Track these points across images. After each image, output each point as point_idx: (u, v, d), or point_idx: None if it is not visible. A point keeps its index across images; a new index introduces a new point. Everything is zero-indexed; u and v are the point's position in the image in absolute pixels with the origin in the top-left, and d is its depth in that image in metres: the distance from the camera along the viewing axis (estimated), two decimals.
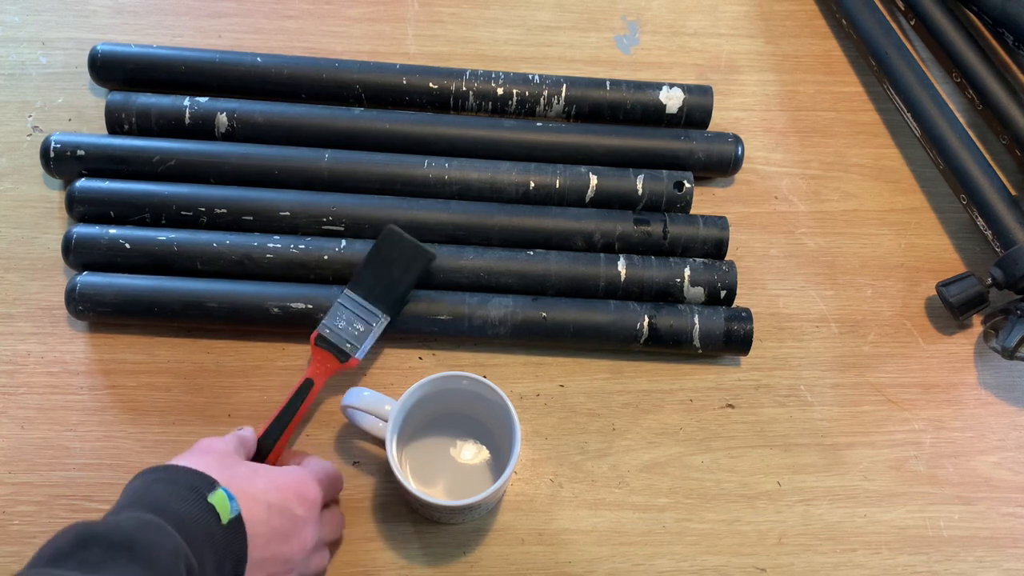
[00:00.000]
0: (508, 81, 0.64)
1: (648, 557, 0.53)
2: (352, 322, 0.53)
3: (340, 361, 0.53)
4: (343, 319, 0.53)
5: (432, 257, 0.55)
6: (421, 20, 0.70)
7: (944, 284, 0.59)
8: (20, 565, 0.50)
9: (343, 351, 0.53)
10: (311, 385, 0.53)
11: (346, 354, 0.53)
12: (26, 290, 0.58)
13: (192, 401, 0.55)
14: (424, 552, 0.52)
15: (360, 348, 0.53)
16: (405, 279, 0.54)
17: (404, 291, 0.55)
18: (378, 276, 0.54)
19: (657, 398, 0.57)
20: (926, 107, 0.63)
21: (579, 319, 0.56)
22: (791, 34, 0.72)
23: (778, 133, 0.67)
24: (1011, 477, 0.57)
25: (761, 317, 0.60)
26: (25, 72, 0.65)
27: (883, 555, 0.54)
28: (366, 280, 0.54)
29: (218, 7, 0.68)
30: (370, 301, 0.54)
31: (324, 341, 0.53)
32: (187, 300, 0.55)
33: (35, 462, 0.53)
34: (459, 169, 0.60)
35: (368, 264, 0.54)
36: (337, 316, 0.54)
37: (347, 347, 0.53)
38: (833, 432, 0.57)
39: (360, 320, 0.53)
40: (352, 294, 0.54)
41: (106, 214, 0.58)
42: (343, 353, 0.53)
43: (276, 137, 0.61)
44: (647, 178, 0.61)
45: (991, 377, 0.60)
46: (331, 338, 0.53)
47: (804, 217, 0.64)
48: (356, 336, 0.53)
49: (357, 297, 0.54)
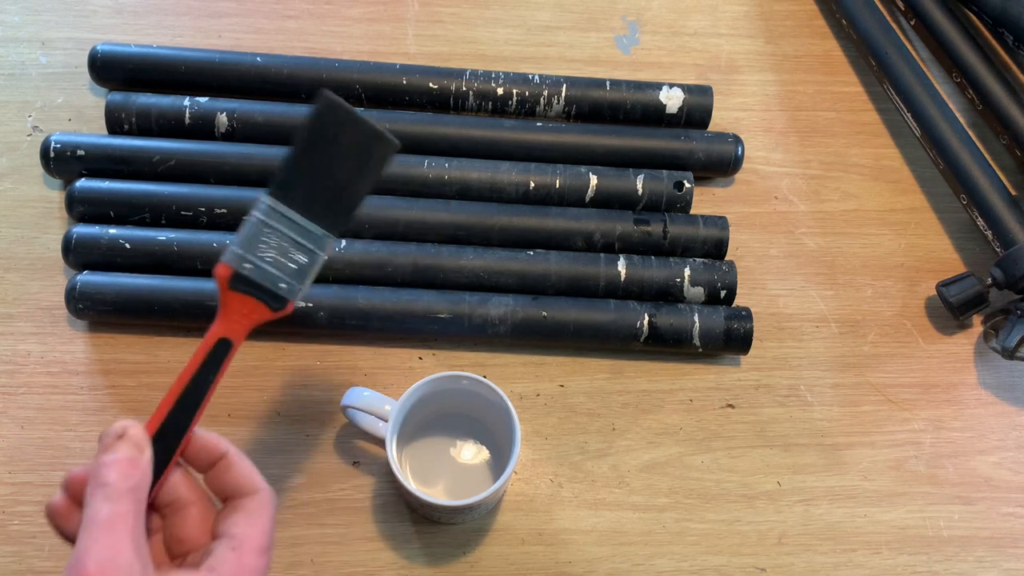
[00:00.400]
0: (508, 81, 0.64)
1: (648, 557, 0.53)
2: (285, 249, 0.37)
3: (271, 309, 0.38)
4: (270, 245, 0.37)
5: (395, 146, 0.39)
6: (421, 20, 0.70)
7: (944, 284, 0.59)
8: (21, 565, 0.50)
9: (275, 294, 0.37)
10: (228, 346, 0.37)
11: (281, 298, 0.38)
12: (26, 290, 0.58)
13: None
14: (424, 552, 0.52)
15: (299, 286, 0.38)
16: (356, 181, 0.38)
17: (355, 198, 0.38)
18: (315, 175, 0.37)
19: (657, 398, 0.58)
20: (926, 107, 0.63)
21: (579, 318, 0.56)
22: (791, 34, 0.72)
23: (778, 133, 0.68)
24: (1011, 477, 0.57)
25: (761, 317, 0.60)
26: (25, 72, 0.65)
27: (883, 555, 0.54)
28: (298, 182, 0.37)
29: (218, 7, 0.68)
30: (309, 216, 0.37)
31: (244, 282, 0.37)
32: (187, 300, 0.55)
33: (35, 462, 0.53)
34: (459, 169, 0.60)
35: (300, 157, 0.37)
36: (261, 241, 0.37)
37: (281, 287, 0.37)
38: (833, 432, 0.57)
39: (296, 246, 0.37)
40: (281, 206, 0.37)
41: (106, 214, 0.58)
42: (276, 297, 0.37)
43: (276, 137, 0.61)
44: (647, 178, 0.61)
45: (991, 377, 0.60)
46: (255, 276, 0.37)
47: (804, 217, 0.64)
48: (293, 271, 0.37)
49: (289, 211, 0.37)
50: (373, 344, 0.58)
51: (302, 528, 0.52)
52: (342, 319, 0.56)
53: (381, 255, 0.57)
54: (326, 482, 0.53)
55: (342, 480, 0.53)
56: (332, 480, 0.53)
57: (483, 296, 0.57)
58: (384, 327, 0.56)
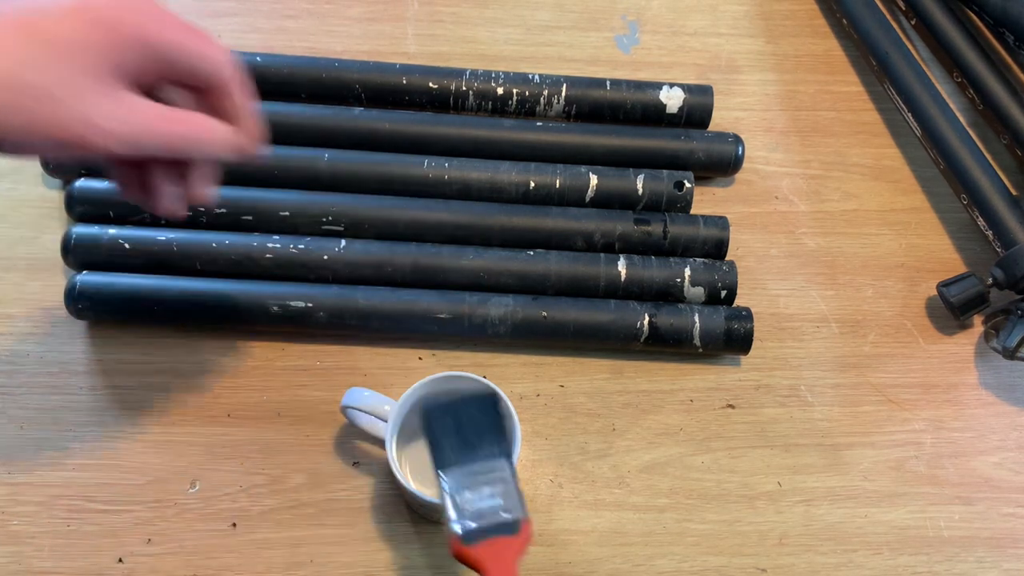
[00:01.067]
0: (508, 81, 0.64)
1: (648, 558, 0.53)
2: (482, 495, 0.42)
3: (511, 534, 0.41)
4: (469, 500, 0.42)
5: (494, 392, 0.47)
6: (421, 20, 0.70)
7: (944, 284, 0.59)
8: (20, 565, 0.50)
9: (503, 522, 0.41)
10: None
11: (513, 523, 0.41)
12: (26, 290, 0.58)
13: (192, 401, 0.55)
14: (424, 552, 0.52)
15: (518, 505, 0.42)
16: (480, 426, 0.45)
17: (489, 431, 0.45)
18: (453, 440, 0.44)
19: (657, 398, 0.57)
20: (926, 107, 0.63)
21: (579, 318, 0.56)
22: (791, 34, 0.72)
23: (778, 133, 0.67)
24: (1012, 477, 0.57)
25: (761, 317, 0.60)
26: None
27: (884, 555, 0.54)
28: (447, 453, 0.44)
29: (218, 7, 0.68)
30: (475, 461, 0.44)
31: (477, 533, 0.41)
32: (187, 300, 0.55)
33: (35, 462, 0.53)
34: (459, 169, 0.60)
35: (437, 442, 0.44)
36: (458, 500, 0.42)
37: (504, 516, 0.41)
38: (833, 432, 0.57)
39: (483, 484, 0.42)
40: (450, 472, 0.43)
41: (106, 214, 0.58)
42: (506, 525, 0.41)
43: (276, 137, 0.61)
44: (647, 178, 0.61)
45: (992, 377, 0.60)
46: (482, 524, 0.41)
47: (804, 217, 0.64)
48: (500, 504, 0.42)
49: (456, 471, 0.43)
50: (373, 344, 0.58)
51: (302, 528, 0.52)
52: (342, 319, 0.56)
53: (381, 255, 0.57)
54: (326, 482, 0.53)
55: (342, 480, 0.53)
56: (332, 480, 0.53)
57: (483, 296, 0.57)
58: (384, 327, 0.56)
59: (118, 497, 0.52)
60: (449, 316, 0.56)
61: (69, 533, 0.51)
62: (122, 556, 0.51)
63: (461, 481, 0.42)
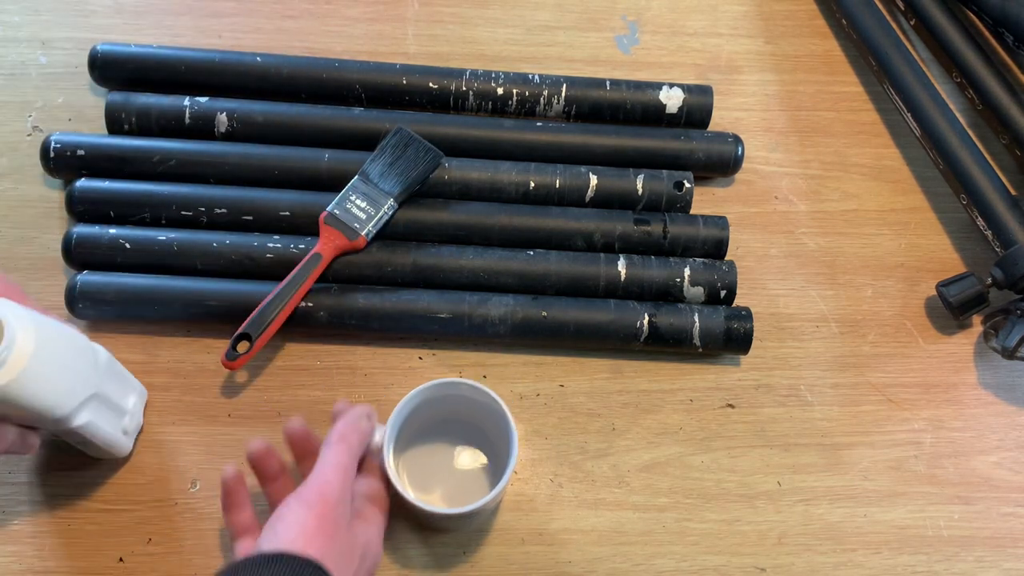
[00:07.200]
0: (508, 81, 0.64)
1: (648, 557, 0.53)
2: (361, 205, 0.57)
3: (348, 239, 0.56)
4: (353, 202, 0.57)
5: (440, 156, 0.58)
6: (421, 20, 0.70)
7: (944, 284, 0.59)
8: (21, 565, 0.50)
9: (352, 229, 0.56)
10: (319, 259, 0.55)
11: (355, 232, 0.56)
12: (27, 290, 0.57)
13: (192, 401, 0.55)
14: (424, 552, 0.52)
15: (368, 228, 0.56)
16: (413, 174, 0.57)
17: (411, 184, 0.57)
18: (387, 168, 0.57)
19: (657, 398, 0.58)
20: (926, 107, 0.63)
21: (579, 317, 0.56)
22: (791, 34, 0.72)
23: (778, 133, 0.68)
24: (1011, 477, 0.57)
25: (761, 317, 0.60)
26: (25, 72, 0.65)
27: (883, 555, 0.54)
28: (376, 170, 0.58)
29: (218, 7, 0.69)
30: (380, 187, 0.57)
31: (333, 219, 0.56)
32: (187, 300, 0.55)
33: (35, 462, 0.53)
34: (459, 169, 0.60)
35: (378, 158, 0.58)
36: (347, 199, 0.57)
37: (355, 226, 0.56)
38: (833, 432, 0.57)
39: (370, 202, 0.57)
40: (362, 181, 0.57)
41: (106, 214, 0.58)
42: (352, 231, 0.56)
43: (276, 137, 0.61)
44: (647, 178, 0.61)
45: (991, 377, 0.60)
46: (341, 217, 0.56)
47: (804, 217, 0.64)
48: (365, 218, 0.56)
49: (366, 183, 0.57)
50: (373, 344, 0.58)
51: None
52: (342, 319, 0.56)
53: (381, 255, 0.57)
54: None
55: None
56: None
57: (483, 296, 0.57)
58: (384, 327, 0.56)
59: (118, 497, 0.52)
60: (449, 316, 0.56)
61: (69, 533, 0.51)
62: (122, 556, 0.51)
63: (361, 190, 0.57)
